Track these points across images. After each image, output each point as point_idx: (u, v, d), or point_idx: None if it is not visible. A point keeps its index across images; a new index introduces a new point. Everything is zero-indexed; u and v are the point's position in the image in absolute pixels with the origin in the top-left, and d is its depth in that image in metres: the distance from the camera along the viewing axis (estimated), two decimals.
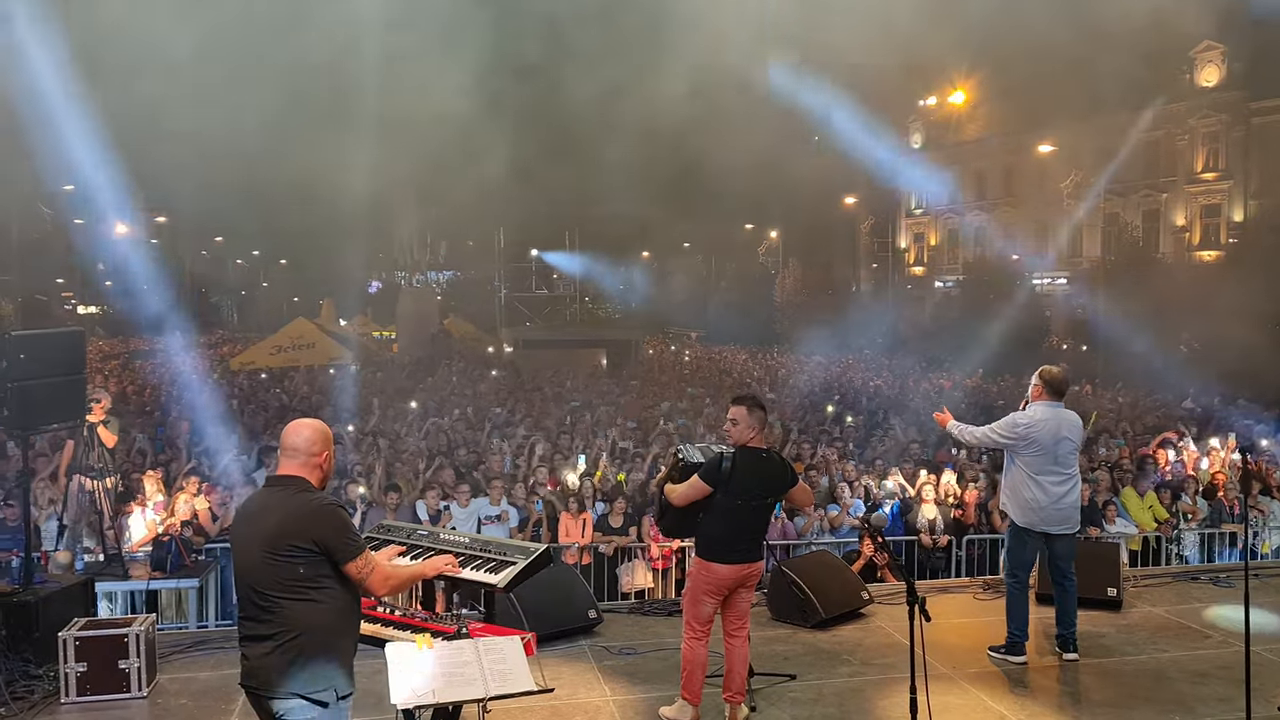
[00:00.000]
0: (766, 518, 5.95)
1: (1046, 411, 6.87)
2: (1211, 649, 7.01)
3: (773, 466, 5.81)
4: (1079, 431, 6.97)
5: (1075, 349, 35.86)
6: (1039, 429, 6.80)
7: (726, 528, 5.71)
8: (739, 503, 5.66)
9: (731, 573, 5.73)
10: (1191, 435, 17.02)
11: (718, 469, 5.68)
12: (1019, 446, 6.82)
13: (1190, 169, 44.41)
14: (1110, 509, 11.88)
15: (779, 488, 5.84)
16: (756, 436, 5.80)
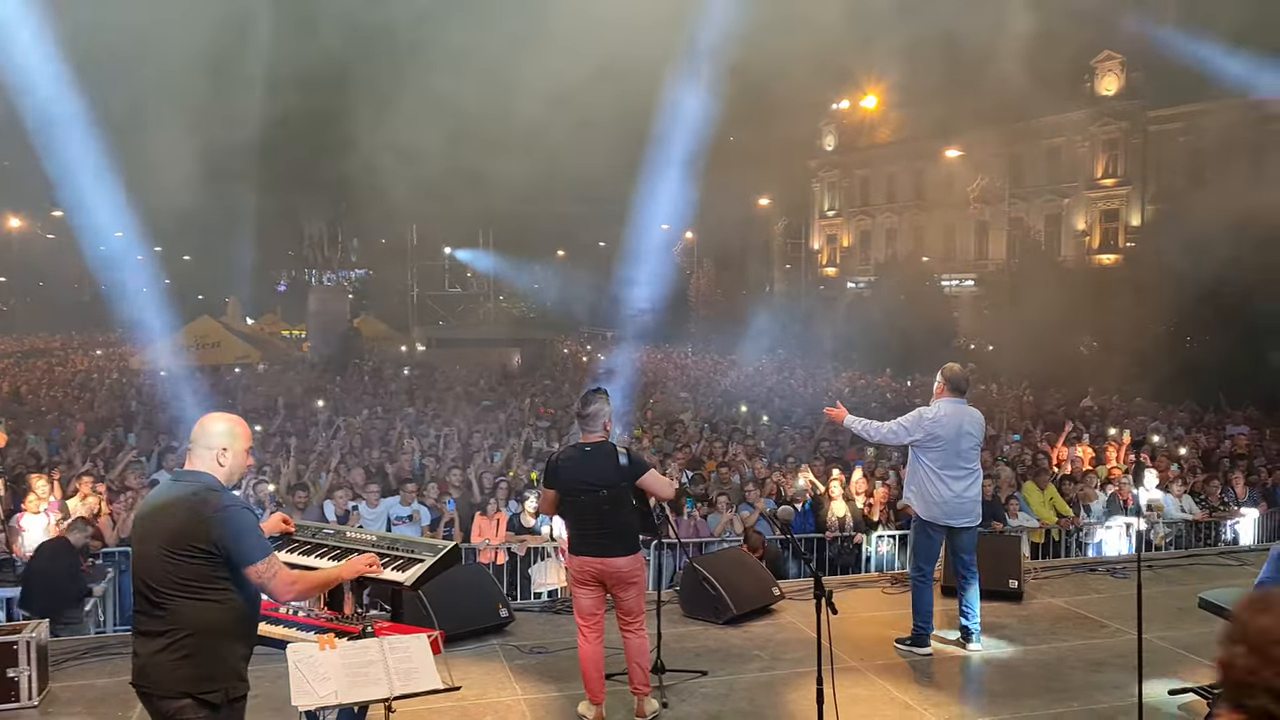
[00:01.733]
0: (606, 512, 5.79)
1: (950, 408, 7.02)
2: (1107, 638, 7.22)
3: (597, 459, 5.80)
4: (981, 427, 7.13)
5: (982, 348, 36.74)
6: (943, 424, 6.94)
7: (570, 521, 5.98)
8: (570, 498, 5.83)
9: (585, 564, 5.84)
10: (1090, 432, 17.57)
11: (548, 469, 5.98)
12: (924, 442, 6.96)
13: (1091, 175, 45.83)
14: (1012, 503, 12.19)
15: (608, 479, 5.78)
16: (585, 432, 5.90)
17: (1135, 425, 18.20)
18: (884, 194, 56.71)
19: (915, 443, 7.03)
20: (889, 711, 5.97)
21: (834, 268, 59.32)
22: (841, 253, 59.68)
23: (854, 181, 59.03)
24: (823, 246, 61.60)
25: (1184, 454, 15.68)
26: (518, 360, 32.64)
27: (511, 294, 52.78)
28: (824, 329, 37.90)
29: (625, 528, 5.90)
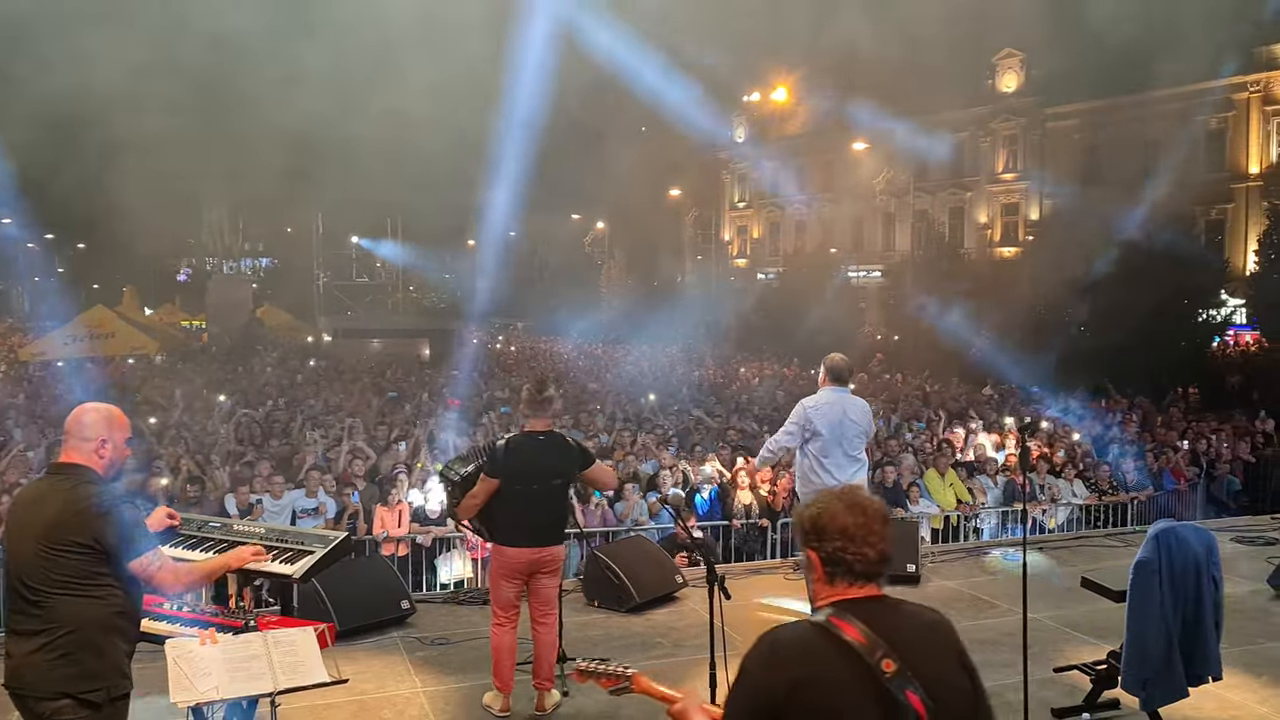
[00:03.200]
0: (555, 501, 5.86)
1: (831, 396, 7.12)
2: (997, 617, 7.41)
3: (550, 449, 5.80)
4: (866, 416, 7.21)
5: (888, 339, 37.44)
6: (823, 413, 7.02)
7: (513, 512, 5.73)
8: (518, 487, 5.68)
9: (522, 556, 5.74)
10: (988, 420, 18.03)
11: (496, 457, 5.73)
12: (807, 432, 7.04)
13: (992, 169, 47.01)
14: (914, 490, 12.45)
15: (561, 470, 5.82)
16: (535, 420, 5.82)
17: (1029, 413, 18.71)
18: (793, 186, 57.37)
19: (804, 437, 7.10)
20: None
21: (744, 259, 59.86)
22: (752, 244, 60.24)
23: (764, 173, 59.60)
24: (733, 238, 62.12)
25: (1076, 439, 16.18)
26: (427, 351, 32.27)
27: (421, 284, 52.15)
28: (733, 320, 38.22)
29: (564, 517, 6.02)
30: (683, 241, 62.53)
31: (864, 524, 2.52)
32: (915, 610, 2.63)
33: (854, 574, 2.51)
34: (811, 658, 2.42)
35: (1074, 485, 13.84)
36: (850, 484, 2.84)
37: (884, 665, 2.38)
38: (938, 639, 2.58)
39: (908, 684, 2.38)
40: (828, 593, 2.54)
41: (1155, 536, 5.16)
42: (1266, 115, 37.45)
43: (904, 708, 2.35)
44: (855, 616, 2.45)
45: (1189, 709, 5.37)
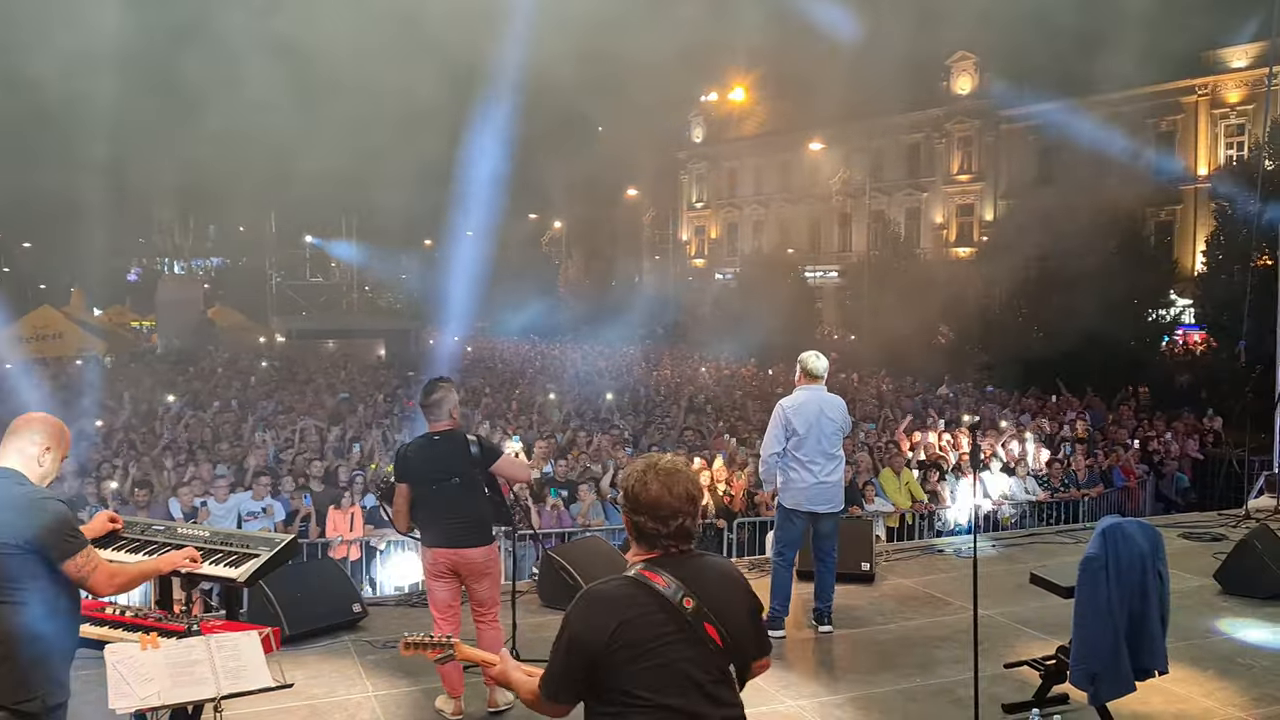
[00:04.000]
0: (461, 501, 5.77)
1: (807, 394, 7.13)
2: (951, 615, 7.46)
3: (446, 447, 5.77)
4: (841, 413, 7.24)
5: (845, 338, 37.69)
6: (801, 412, 7.05)
7: (426, 512, 5.81)
8: (420, 489, 5.75)
9: (439, 556, 5.77)
10: (944, 419, 18.17)
11: (398, 461, 5.88)
12: (788, 433, 7.05)
13: (947, 170, 47.47)
14: (869, 489, 12.52)
15: (458, 467, 5.75)
16: (436, 423, 5.82)
17: (984, 412, 18.90)
18: (751, 186, 57.59)
19: (786, 437, 7.09)
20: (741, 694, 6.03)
21: (702, 259, 59.99)
22: (709, 244, 60.38)
23: (721, 174, 59.78)
24: (691, 238, 62.24)
25: (1029, 438, 16.35)
26: (382, 352, 32.00)
27: (378, 284, 51.69)
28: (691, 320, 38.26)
29: (479, 518, 5.87)
30: (640, 241, 62.55)
31: (669, 503, 2.92)
32: (713, 561, 3.11)
33: (653, 542, 2.95)
34: (628, 604, 2.85)
35: (1026, 483, 13.99)
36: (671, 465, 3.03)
37: (685, 603, 2.84)
38: (730, 584, 3.02)
39: (705, 618, 2.85)
40: (640, 551, 2.98)
41: (1102, 533, 5.20)
42: (1214, 118, 38.12)
43: (704, 635, 2.84)
44: (662, 569, 2.90)
45: (1136, 703, 5.42)
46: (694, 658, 2.84)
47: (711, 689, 2.87)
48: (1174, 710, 5.75)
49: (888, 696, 6.05)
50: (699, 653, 2.84)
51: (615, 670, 2.82)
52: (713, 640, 2.85)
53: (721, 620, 2.88)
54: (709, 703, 2.86)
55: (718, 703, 2.88)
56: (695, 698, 2.83)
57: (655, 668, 2.81)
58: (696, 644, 2.84)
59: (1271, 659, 6.60)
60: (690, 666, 2.83)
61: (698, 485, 3.05)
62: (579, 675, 2.87)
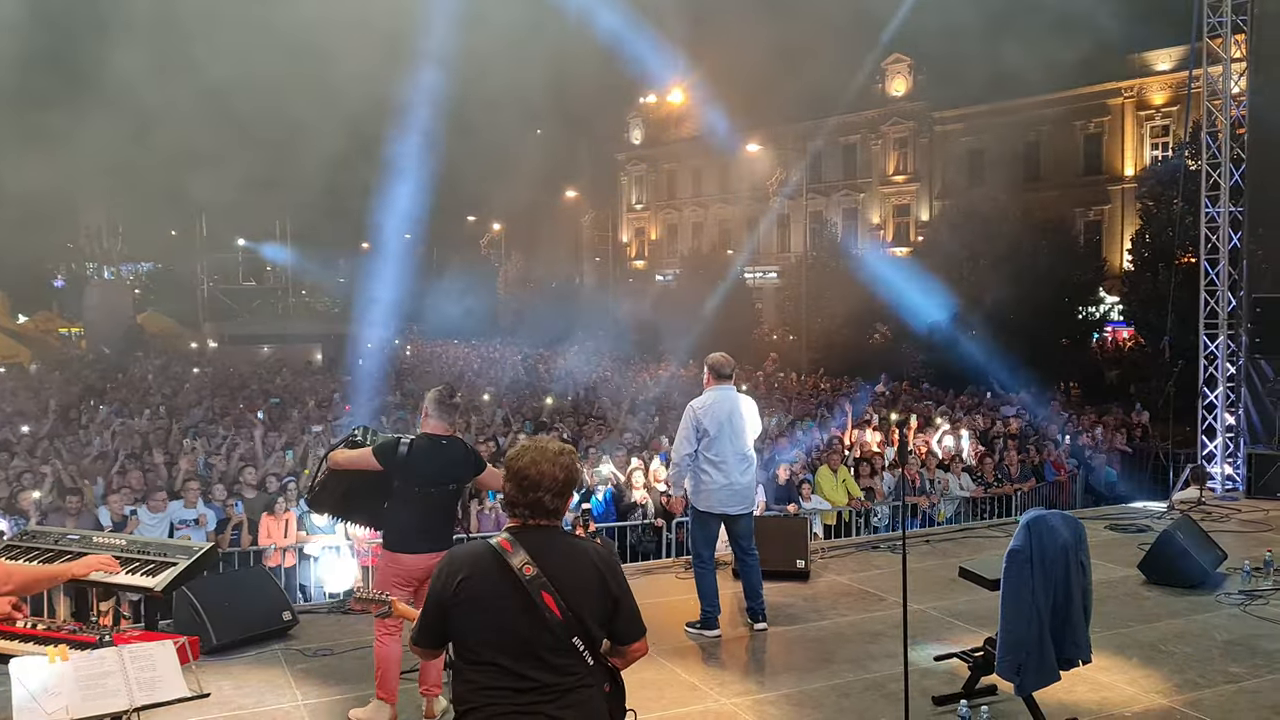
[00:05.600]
0: (452, 505, 5.85)
1: (717, 395, 7.12)
2: (884, 610, 7.53)
3: (452, 453, 5.74)
4: (754, 413, 7.22)
5: (784, 338, 37.94)
6: (712, 413, 7.03)
7: (412, 516, 5.62)
8: (416, 490, 5.60)
9: (419, 563, 5.60)
10: (882, 416, 18.35)
11: (393, 451, 5.62)
12: (699, 434, 7.03)
13: (883, 171, 48.00)
14: (805, 487, 12.59)
15: (460, 474, 5.77)
16: (434, 422, 5.74)
17: (920, 410, 19.13)
18: (690, 187, 57.76)
19: (698, 439, 7.07)
20: (675, 693, 6.04)
21: (642, 260, 60.03)
22: (649, 245, 60.45)
23: (661, 175, 59.87)
24: (631, 239, 62.26)
25: (965, 435, 16.57)
26: (319, 356, 31.56)
27: (314, 288, 50.94)
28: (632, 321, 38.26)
29: (454, 520, 5.95)
30: (580, 243, 62.43)
31: (533, 476, 3.16)
32: (573, 541, 3.32)
33: (513, 509, 3.20)
34: (474, 563, 3.13)
35: (960, 479, 14.18)
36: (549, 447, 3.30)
37: (525, 570, 3.06)
38: (583, 563, 3.19)
39: (544, 587, 3.05)
40: (510, 520, 3.24)
41: (1026, 525, 5.28)
42: (1139, 120, 39.01)
43: (539, 602, 3.04)
44: (518, 539, 3.14)
45: (1062, 692, 5.52)
46: (527, 623, 3.05)
47: (547, 656, 3.07)
48: (1098, 698, 5.85)
49: (821, 692, 6.09)
50: (534, 619, 3.05)
51: (458, 623, 3.10)
52: (550, 610, 3.04)
53: (562, 592, 3.07)
54: (542, 668, 3.06)
55: (552, 670, 3.07)
56: (526, 661, 3.05)
57: (490, 627, 3.07)
58: (532, 611, 3.04)
59: (1193, 646, 6.75)
60: (525, 631, 3.05)
61: (570, 470, 3.25)
62: (435, 624, 3.15)
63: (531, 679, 3.04)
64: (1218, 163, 12.35)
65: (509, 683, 3.04)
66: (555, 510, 3.22)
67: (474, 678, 3.08)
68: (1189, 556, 8.08)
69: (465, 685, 3.11)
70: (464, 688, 3.11)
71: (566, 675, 3.08)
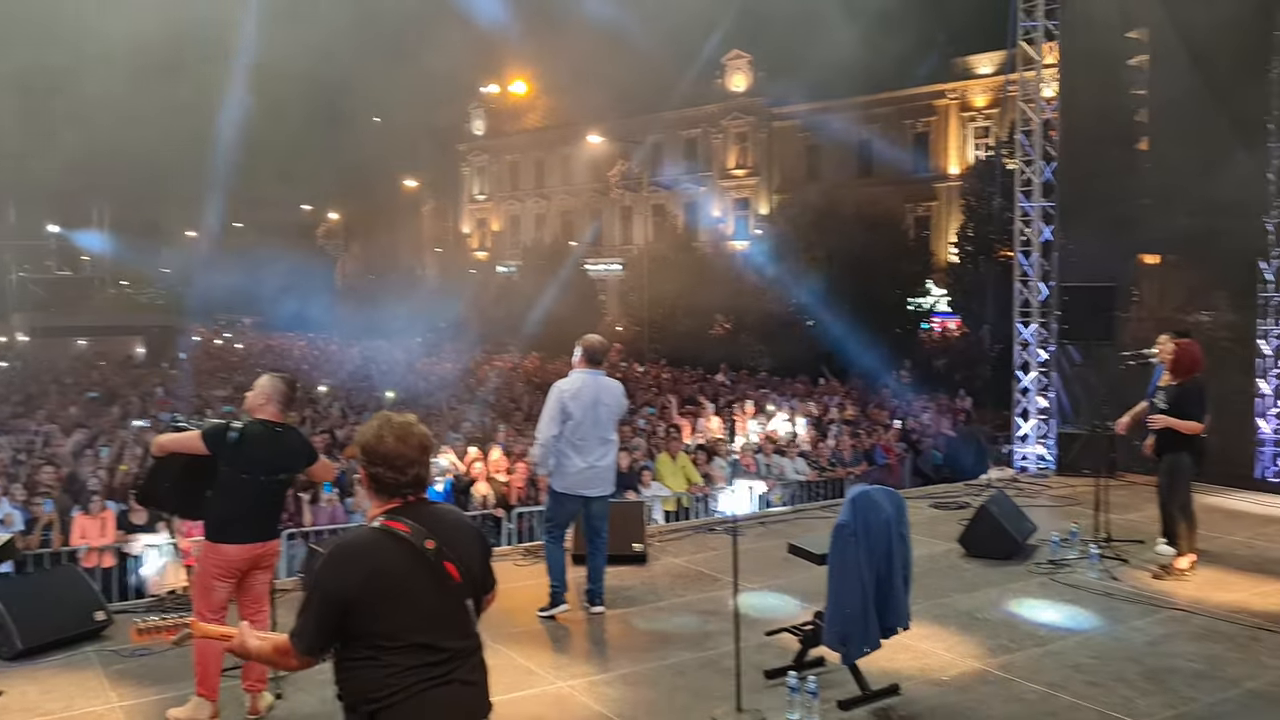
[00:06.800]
0: (282, 496, 5.66)
1: (585, 378, 7.11)
2: (719, 590, 7.65)
3: (288, 442, 5.54)
4: (617, 397, 7.22)
5: (629, 329, 38.21)
6: (578, 396, 7.02)
7: (237, 505, 5.37)
8: (245, 476, 5.35)
9: (242, 553, 5.40)
10: (720, 404, 18.69)
11: (222, 436, 5.35)
12: (564, 416, 7.00)
13: (724, 165, 48.85)
14: (646, 474, 12.73)
15: (294, 464, 5.60)
16: (272, 408, 5.51)
17: (758, 398, 19.58)
18: (532, 179, 57.53)
19: (564, 420, 7.04)
20: (510, 678, 5.99)
21: (485, 251, 59.50)
22: (492, 237, 59.94)
23: (503, 166, 59.43)
24: (473, 230, 61.60)
25: (800, 421, 17.05)
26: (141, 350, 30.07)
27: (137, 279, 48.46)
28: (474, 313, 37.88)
29: (282, 510, 5.77)
30: (421, 234, 61.38)
31: (404, 453, 3.15)
32: (445, 508, 3.49)
33: (391, 491, 3.16)
34: (376, 552, 3.07)
35: (795, 463, 14.58)
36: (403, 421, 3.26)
37: (427, 545, 3.07)
38: (462, 526, 3.32)
39: (445, 556, 3.10)
40: (378, 503, 3.19)
41: (852, 501, 5.46)
42: (963, 121, 40.86)
43: (444, 572, 3.08)
44: (403, 516, 3.12)
45: (884, 660, 5.73)
46: (438, 595, 3.09)
47: (454, 622, 3.15)
48: (919, 665, 6.10)
49: (656, 671, 6.15)
50: (442, 590, 3.10)
51: (367, 616, 3.01)
52: (451, 577, 3.11)
53: (459, 558, 3.14)
54: (453, 635, 3.13)
55: (461, 634, 3.16)
56: (441, 632, 3.09)
57: (405, 609, 3.05)
58: (439, 582, 3.09)
59: (1003, 613, 7.11)
60: (436, 604, 3.09)
61: (429, 439, 3.27)
62: (333, 625, 3.03)
63: (446, 648, 3.09)
64: (1031, 160, 13.02)
65: (428, 658, 3.05)
66: (429, 481, 3.30)
67: (394, 660, 3.02)
68: (1004, 530, 8.51)
69: (382, 672, 3.02)
70: (380, 675, 3.02)
71: (469, 638, 3.18)
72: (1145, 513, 9.28)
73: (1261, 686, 5.77)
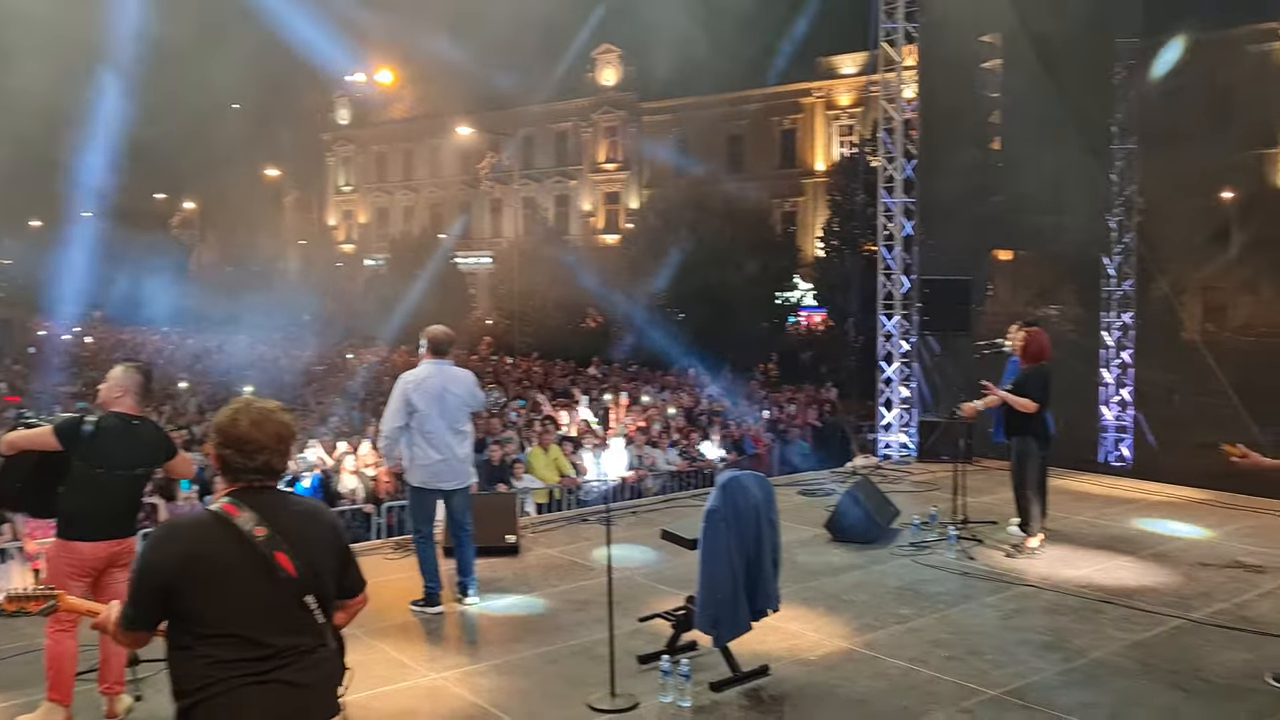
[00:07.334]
0: (138, 491, 5.45)
1: (431, 369, 7.02)
2: (592, 579, 7.68)
3: (145, 435, 5.33)
4: (467, 387, 7.14)
5: (499, 323, 37.98)
6: (424, 388, 6.93)
7: (91, 501, 5.15)
8: (99, 471, 5.12)
9: (97, 551, 5.17)
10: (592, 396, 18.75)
11: (75, 429, 5.12)
12: (410, 408, 6.91)
13: (594, 159, 48.94)
14: (518, 466, 12.69)
15: (152, 458, 5.38)
16: (129, 401, 5.29)
17: (633, 390, 19.71)
18: (400, 170, 56.56)
19: (410, 412, 6.94)
20: (383, 671, 5.91)
21: (351, 244, 58.24)
22: (358, 229, 58.71)
23: (369, 157, 58.26)
24: (339, 222, 60.21)
25: (672, 413, 17.24)
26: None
27: None
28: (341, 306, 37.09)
29: (139, 506, 5.57)
30: (283, 225, 59.64)
31: (255, 438, 3.04)
32: (298, 500, 3.35)
33: (237, 475, 3.06)
34: (200, 536, 2.98)
35: (667, 454, 14.74)
36: (263, 406, 3.18)
37: (256, 532, 2.94)
38: (315, 521, 3.18)
39: (277, 547, 2.95)
40: (225, 486, 3.10)
41: (722, 486, 5.56)
42: (829, 119, 41.88)
43: (274, 563, 2.94)
44: (243, 502, 3.01)
45: (755, 642, 5.85)
46: (266, 587, 2.95)
47: (283, 618, 2.98)
48: (788, 646, 6.26)
49: (529, 660, 6.15)
50: (270, 582, 2.95)
51: (185, 599, 2.91)
52: (285, 570, 2.95)
53: (296, 551, 2.99)
54: (280, 632, 2.97)
55: (290, 632, 2.98)
56: (266, 627, 2.95)
57: (224, 596, 2.92)
58: (267, 573, 2.94)
59: (869, 594, 7.35)
60: (261, 596, 2.95)
61: (288, 428, 3.16)
62: (152, 603, 2.94)
63: (270, 644, 2.93)
64: (893, 158, 13.44)
65: (248, 652, 2.91)
66: (281, 470, 3.15)
67: (209, 652, 2.89)
68: (868, 515, 8.79)
69: (199, 662, 2.90)
70: (197, 665, 2.90)
71: (304, 636, 3.00)
72: (999, 495, 9.70)
73: (1104, 656, 6.10)
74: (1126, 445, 14.06)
